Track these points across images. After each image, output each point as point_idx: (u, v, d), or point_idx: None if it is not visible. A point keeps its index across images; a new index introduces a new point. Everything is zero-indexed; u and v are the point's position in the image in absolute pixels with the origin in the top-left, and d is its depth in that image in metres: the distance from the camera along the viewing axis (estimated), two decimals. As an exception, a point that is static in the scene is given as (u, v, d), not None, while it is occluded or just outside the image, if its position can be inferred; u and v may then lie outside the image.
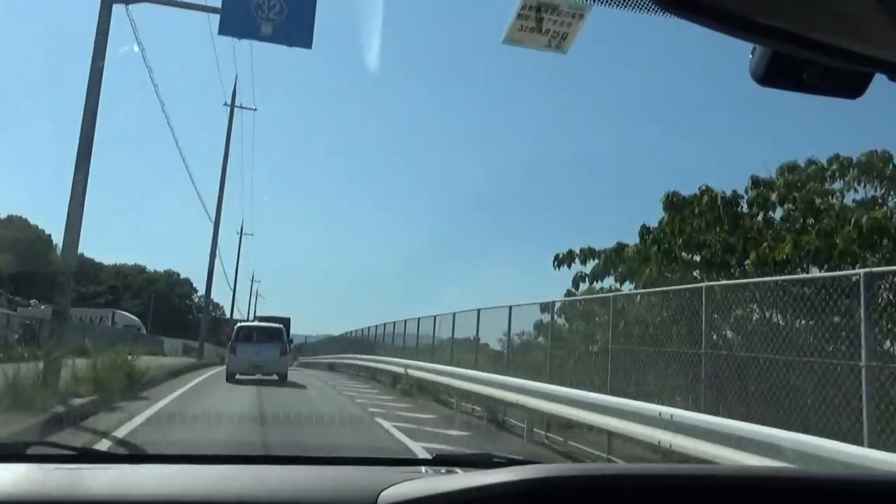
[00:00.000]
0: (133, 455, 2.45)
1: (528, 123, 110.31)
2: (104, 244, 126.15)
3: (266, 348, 19.57)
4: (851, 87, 1.02)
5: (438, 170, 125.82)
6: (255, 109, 38.88)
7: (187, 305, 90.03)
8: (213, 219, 36.01)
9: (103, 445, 6.01)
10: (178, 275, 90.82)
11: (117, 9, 12.60)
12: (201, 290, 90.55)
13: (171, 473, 2.01)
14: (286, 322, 42.89)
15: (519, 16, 2.07)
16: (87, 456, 2.23)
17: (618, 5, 0.90)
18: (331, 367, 34.09)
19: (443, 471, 2.13)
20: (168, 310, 77.45)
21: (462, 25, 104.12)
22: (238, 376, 19.04)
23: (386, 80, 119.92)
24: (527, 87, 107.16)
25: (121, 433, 8.21)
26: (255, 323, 25.27)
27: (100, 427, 8.43)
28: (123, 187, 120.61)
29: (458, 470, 2.13)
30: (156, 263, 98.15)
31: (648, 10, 0.88)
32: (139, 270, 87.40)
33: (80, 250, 12.61)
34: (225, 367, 20.42)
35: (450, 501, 1.58)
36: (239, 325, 22.43)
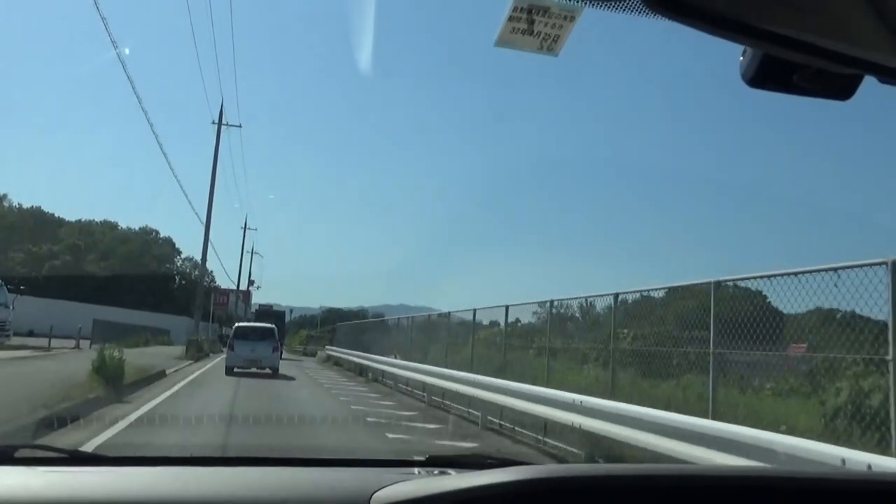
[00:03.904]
0: (124, 457, 2.44)
1: (526, 124, 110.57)
2: (69, 196, 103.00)
3: (261, 346, 22.26)
4: (841, 88, 1.03)
5: (442, 164, 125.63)
6: None
7: (168, 270, 73.64)
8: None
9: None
10: (157, 233, 75.34)
11: None
12: (185, 252, 74.17)
13: (162, 475, 2.00)
14: (281, 315, 47.21)
15: (510, 18, 2.07)
16: (78, 459, 2.21)
17: (609, 7, 0.90)
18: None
19: (436, 472, 2.13)
20: (150, 275, 64.01)
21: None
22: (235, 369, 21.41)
23: (379, 79, 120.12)
24: (526, 88, 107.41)
25: None
26: (252, 324, 27.73)
27: None
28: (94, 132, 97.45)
29: (451, 471, 2.13)
30: (130, 220, 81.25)
31: (639, 13, 0.88)
32: (110, 227, 71.60)
33: (37, 203, 8.76)
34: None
35: (443, 502, 1.58)
36: (237, 325, 25.15)
